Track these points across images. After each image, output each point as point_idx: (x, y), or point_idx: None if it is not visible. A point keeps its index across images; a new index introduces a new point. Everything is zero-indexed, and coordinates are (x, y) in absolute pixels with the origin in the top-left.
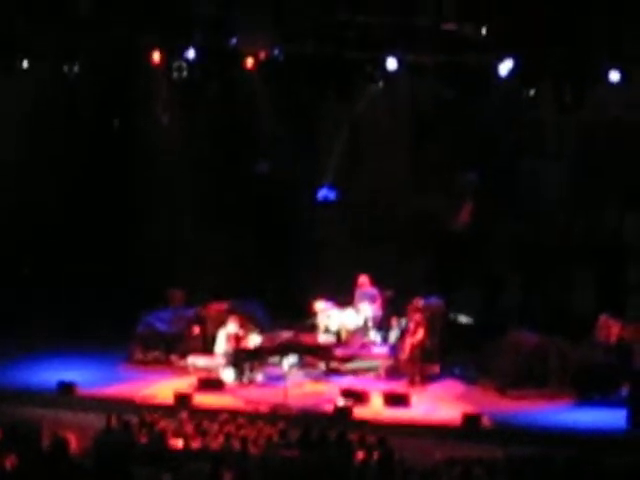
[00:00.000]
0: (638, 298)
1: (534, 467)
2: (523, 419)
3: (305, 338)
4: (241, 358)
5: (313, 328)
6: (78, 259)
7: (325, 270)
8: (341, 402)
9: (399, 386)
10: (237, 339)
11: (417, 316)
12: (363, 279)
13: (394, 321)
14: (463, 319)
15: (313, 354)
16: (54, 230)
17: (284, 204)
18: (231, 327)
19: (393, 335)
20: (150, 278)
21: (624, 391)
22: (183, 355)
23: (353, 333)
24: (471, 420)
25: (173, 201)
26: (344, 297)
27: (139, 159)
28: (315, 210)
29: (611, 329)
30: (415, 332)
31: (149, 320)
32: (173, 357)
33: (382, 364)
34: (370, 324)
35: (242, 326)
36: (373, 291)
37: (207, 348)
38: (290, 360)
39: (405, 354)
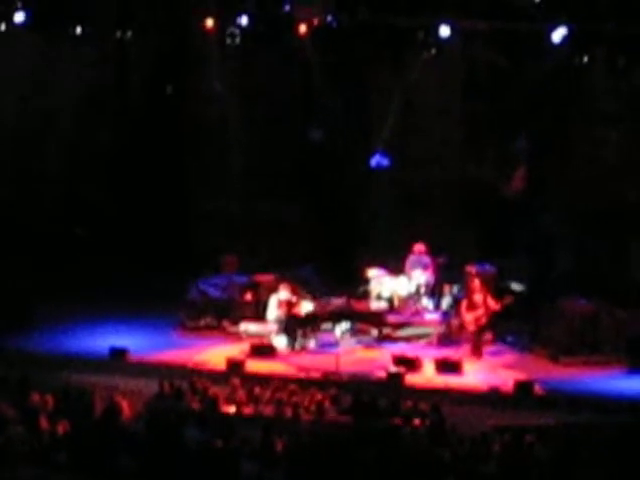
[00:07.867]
0: None
1: (586, 434)
2: (575, 386)
3: (357, 305)
4: (293, 325)
5: (365, 295)
6: (130, 225)
7: (377, 237)
8: (393, 369)
9: (451, 353)
10: (289, 305)
11: (476, 283)
12: (419, 247)
13: (446, 288)
14: (515, 286)
15: (365, 321)
16: (106, 195)
17: (337, 171)
18: (283, 294)
19: (445, 302)
20: (203, 244)
21: None
22: (235, 321)
23: (405, 300)
24: (523, 387)
25: (226, 168)
26: (396, 264)
27: (192, 125)
28: (368, 177)
29: None
30: (484, 303)
31: (202, 286)
32: (225, 323)
33: (434, 331)
34: (422, 291)
35: (294, 292)
36: (426, 258)
37: (259, 314)
38: (342, 327)
39: (469, 324)
